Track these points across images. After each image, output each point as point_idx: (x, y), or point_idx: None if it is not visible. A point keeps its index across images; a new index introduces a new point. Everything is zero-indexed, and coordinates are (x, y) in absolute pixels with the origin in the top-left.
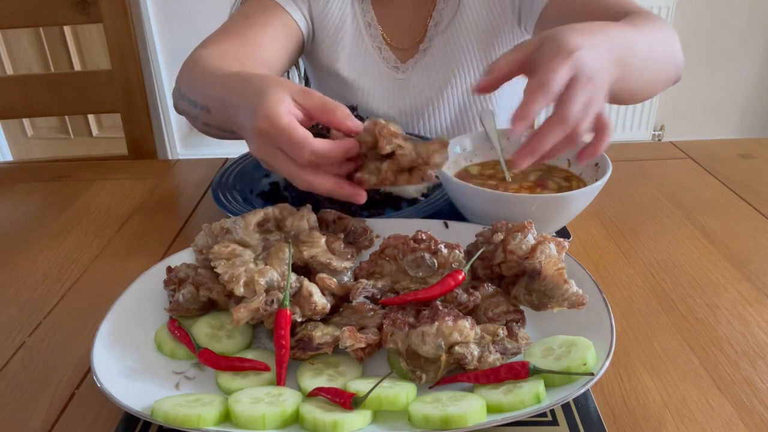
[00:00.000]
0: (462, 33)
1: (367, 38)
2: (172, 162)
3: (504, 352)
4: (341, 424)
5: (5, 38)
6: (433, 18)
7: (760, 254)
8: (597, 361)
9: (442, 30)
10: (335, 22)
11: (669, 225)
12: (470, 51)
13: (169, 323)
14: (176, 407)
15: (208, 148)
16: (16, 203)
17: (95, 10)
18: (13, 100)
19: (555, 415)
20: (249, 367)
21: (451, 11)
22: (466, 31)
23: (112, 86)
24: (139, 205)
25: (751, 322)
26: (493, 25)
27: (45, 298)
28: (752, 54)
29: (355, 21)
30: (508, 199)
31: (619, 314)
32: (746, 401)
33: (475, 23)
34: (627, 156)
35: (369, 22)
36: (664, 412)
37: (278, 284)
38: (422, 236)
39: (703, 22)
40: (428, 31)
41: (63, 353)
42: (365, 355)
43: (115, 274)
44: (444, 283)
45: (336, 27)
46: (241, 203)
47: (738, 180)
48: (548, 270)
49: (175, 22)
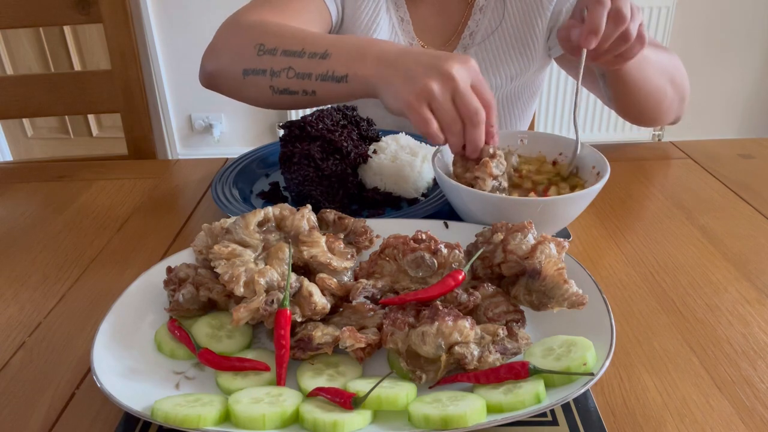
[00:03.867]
0: (499, 47)
1: (400, 32)
2: (172, 162)
3: (504, 352)
4: (341, 424)
5: (5, 38)
6: (469, 27)
7: (760, 254)
8: (597, 361)
9: (479, 41)
10: (369, 14)
11: (669, 225)
12: (506, 63)
13: (169, 323)
14: (176, 407)
15: (208, 148)
16: (16, 203)
17: (95, 10)
18: (13, 100)
19: (555, 415)
20: (249, 367)
21: (490, 25)
22: (504, 46)
23: (112, 86)
24: (139, 205)
25: (751, 322)
26: (530, 41)
27: (45, 298)
28: (752, 54)
29: (389, 15)
30: (508, 203)
31: (619, 314)
32: (746, 401)
33: (514, 38)
34: (627, 156)
35: (402, 17)
36: (664, 412)
37: (278, 284)
38: (422, 236)
39: (703, 22)
40: (462, 39)
41: (63, 353)
42: (365, 355)
43: (115, 274)
44: (444, 283)
45: (370, 18)
46: (241, 203)
47: (738, 180)
48: (548, 270)
49: (175, 22)
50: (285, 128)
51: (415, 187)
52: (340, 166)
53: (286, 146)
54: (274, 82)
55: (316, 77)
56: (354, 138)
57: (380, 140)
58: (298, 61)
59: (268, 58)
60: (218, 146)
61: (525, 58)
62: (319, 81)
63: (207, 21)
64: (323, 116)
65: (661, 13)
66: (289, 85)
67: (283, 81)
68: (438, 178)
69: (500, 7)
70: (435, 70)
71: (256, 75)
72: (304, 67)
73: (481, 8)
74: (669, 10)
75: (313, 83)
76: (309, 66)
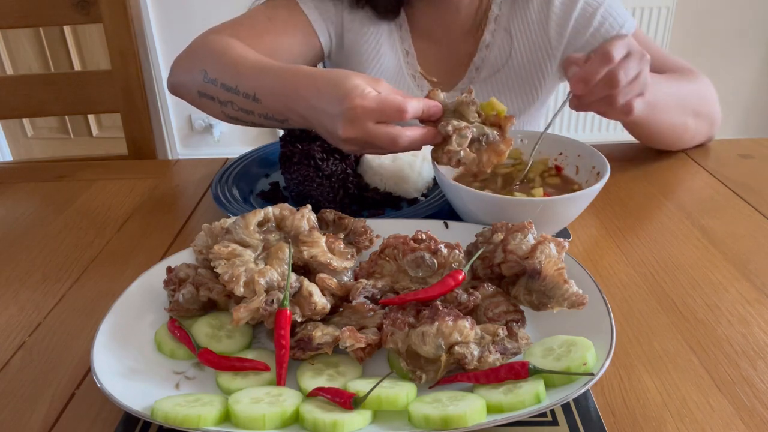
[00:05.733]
0: (505, 84)
1: (403, 65)
2: (172, 162)
3: (504, 352)
4: (341, 424)
5: (5, 38)
6: (475, 62)
7: (760, 254)
8: (597, 361)
9: (485, 77)
10: (372, 45)
11: (669, 225)
12: (512, 99)
13: (169, 323)
14: (176, 407)
15: (208, 148)
16: (16, 203)
17: (95, 10)
18: (13, 100)
19: (555, 415)
20: (249, 367)
21: (496, 62)
22: (509, 83)
23: (112, 86)
24: (139, 205)
25: (751, 322)
26: (537, 77)
27: (45, 298)
28: (752, 54)
29: (394, 47)
30: (508, 203)
31: (619, 314)
32: (746, 401)
33: (521, 77)
34: (627, 156)
35: (407, 50)
36: (664, 412)
37: (278, 284)
38: (422, 236)
39: (703, 22)
40: (468, 74)
41: (63, 353)
42: (365, 355)
43: (115, 274)
44: (444, 283)
45: (373, 49)
46: (241, 203)
47: (738, 180)
48: (548, 270)
49: (175, 22)
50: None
51: (415, 187)
52: (340, 166)
53: (286, 146)
54: (224, 109)
55: (258, 115)
56: None
57: None
58: (237, 98)
59: (212, 87)
60: (218, 146)
61: (531, 95)
62: (262, 119)
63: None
64: None
65: (661, 13)
66: (237, 116)
67: (231, 111)
68: (438, 178)
69: (507, 45)
70: (337, 135)
71: (208, 99)
72: (244, 105)
73: (488, 45)
74: (669, 10)
75: (257, 119)
76: (247, 105)
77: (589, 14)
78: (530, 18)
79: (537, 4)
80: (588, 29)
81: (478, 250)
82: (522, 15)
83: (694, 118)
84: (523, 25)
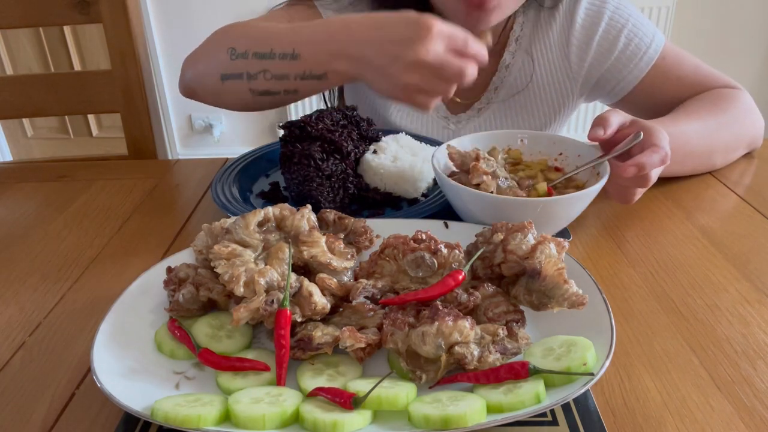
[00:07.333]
0: (524, 107)
1: None
2: (172, 162)
3: (504, 352)
4: (341, 424)
5: (5, 38)
6: (494, 82)
7: (760, 254)
8: (597, 361)
9: (503, 98)
10: None
11: (669, 225)
12: (529, 122)
13: (169, 323)
14: (176, 407)
15: (208, 148)
16: (16, 203)
17: (95, 10)
18: (13, 100)
19: (555, 415)
20: (249, 367)
21: (516, 83)
22: (528, 106)
23: (112, 86)
24: (139, 205)
25: (751, 322)
26: (558, 101)
27: (45, 298)
28: (752, 54)
29: None
30: (508, 203)
31: (619, 314)
32: (746, 401)
33: (541, 100)
34: None
35: None
36: (664, 412)
37: (278, 284)
38: (422, 236)
39: (703, 22)
40: (487, 93)
41: (63, 353)
42: (365, 355)
43: (115, 274)
44: (444, 283)
45: None
46: (241, 203)
47: (738, 180)
48: (548, 270)
49: (175, 22)
50: (285, 128)
51: (415, 187)
52: (340, 166)
53: (286, 146)
54: (253, 84)
55: (294, 77)
56: (354, 138)
57: (380, 140)
58: (272, 63)
59: (241, 62)
60: (218, 146)
61: (550, 117)
62: (299, 80)
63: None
64: (323, 116)
65: (661, 13)
66: (269, 87)
67: (262, 83)
68: (438, 178)
69: (528, 66)
70: (408, 59)
71: (234, 79)
72: (280, 69)
73: (507, 66)
74: (669, 10)
75: (293, 83)
76: (283, 67)
77: (613, 37)
78: (551, 41)
79: (558, 27)
80: (612, 53)
81: (478, 250)
82: (543, 37)
83: (724, 154)
84: (544, 48)
